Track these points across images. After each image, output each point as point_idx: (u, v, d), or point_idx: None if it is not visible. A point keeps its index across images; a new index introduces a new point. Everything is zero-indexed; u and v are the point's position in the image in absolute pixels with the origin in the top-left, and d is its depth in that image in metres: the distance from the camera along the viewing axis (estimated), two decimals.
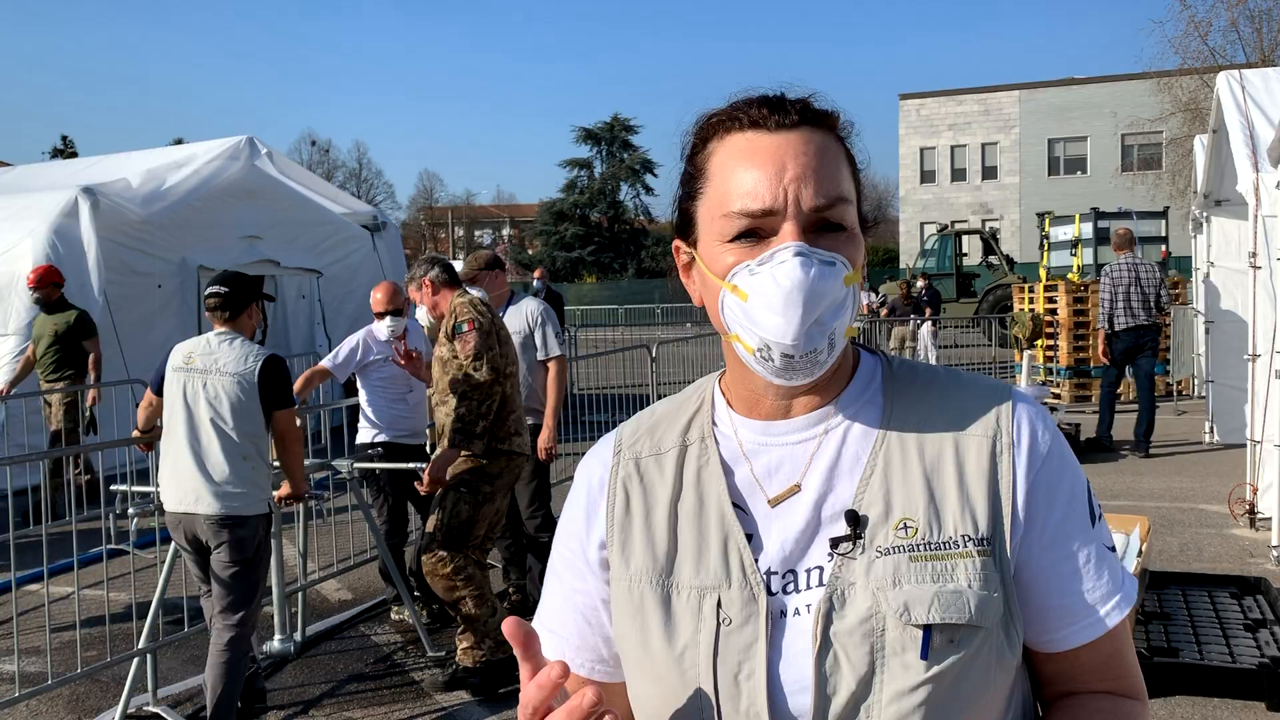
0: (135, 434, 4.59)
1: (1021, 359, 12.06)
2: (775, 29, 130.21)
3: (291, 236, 12.26)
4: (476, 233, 69.29)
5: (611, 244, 58.54)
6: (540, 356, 5.51)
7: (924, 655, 0.99)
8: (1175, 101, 29.40)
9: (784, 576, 1.06)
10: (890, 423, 1.10)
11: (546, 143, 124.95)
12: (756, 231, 1.04)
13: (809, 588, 1.05)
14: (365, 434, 5.76)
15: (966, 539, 1.04)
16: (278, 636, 5.21)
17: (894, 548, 1.03)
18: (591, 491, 1.20)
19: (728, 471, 1.13)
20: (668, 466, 1.16)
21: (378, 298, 5.68)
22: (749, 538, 1.08)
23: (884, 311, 18.21)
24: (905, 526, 1.04)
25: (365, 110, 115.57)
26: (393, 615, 5.73)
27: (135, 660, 4.60)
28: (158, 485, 4.32)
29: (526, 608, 5.67)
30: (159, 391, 4.30)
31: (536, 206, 62.50)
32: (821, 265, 1.01)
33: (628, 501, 1.16)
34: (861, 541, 1.04)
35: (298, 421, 4.47)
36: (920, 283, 20.12)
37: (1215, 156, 9.47)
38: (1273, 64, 24.38)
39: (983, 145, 43.83)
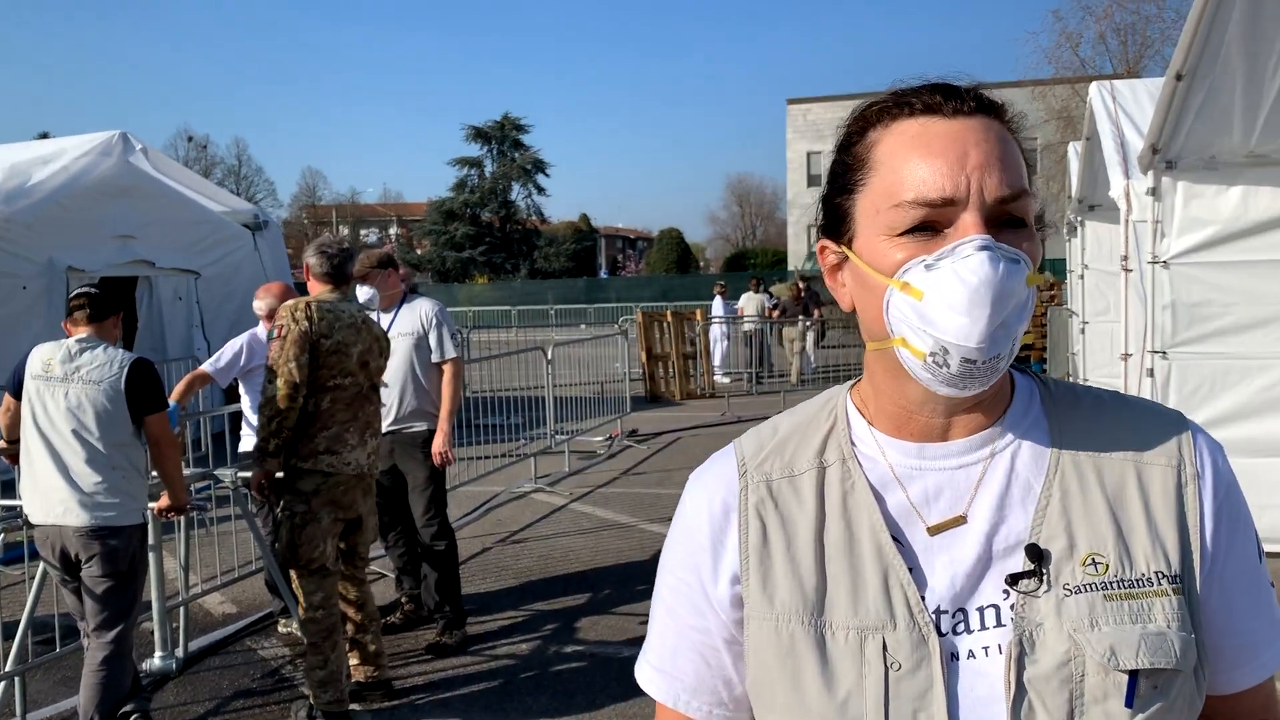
0: (1, 445, 4.32)
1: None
2: (664, 33, 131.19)
3: (168, 236, 11.78)
4: (362, 231, 67.89)
5: (503, 244, 58.13)
6: (435, 359, 5.39)
7: (1129, 703, 0.92)
8: (1049, 109, 30.64)
9: (954, 616, 0.97)
10: (1063, 448, 1.02)
11: (435, 140, 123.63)
12: (931, 225, 0.94)
13: (983, 628, 0.96)
14: (249, 441, 5.55)
15: (1160, 576, 0.97)
16: (158, 653, 4.98)
17: (1084, 586, 0.96)
18: (715, 518, 1.08)
19: (878, 498, 1.03)
20: (805, 491, 1.05)
21: (270, 298, 5.47)
22: (910, 571, 0.99)
23: (775, 313, 18.45)
24: (1094, 563, 0.96)
25: (245, 105, 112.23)
26: (280, 628, 5.52)
27: (2, 684, 4.33)
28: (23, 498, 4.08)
29: (420, 619, 5.55)
30: (19, 395, 4.06)
31: (425, 205, 61.68)
32: (1008, 262, 0.91)
33: (764, 530, 1.05)
34: (1046, 578, 0.96)
35: (175, 428, 4.28)
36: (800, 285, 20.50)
37: (1088, 163, 9.86)
38: (1137, 75, 25.62)
39: None
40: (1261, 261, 5.84)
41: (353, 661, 4.61)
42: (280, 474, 4.29)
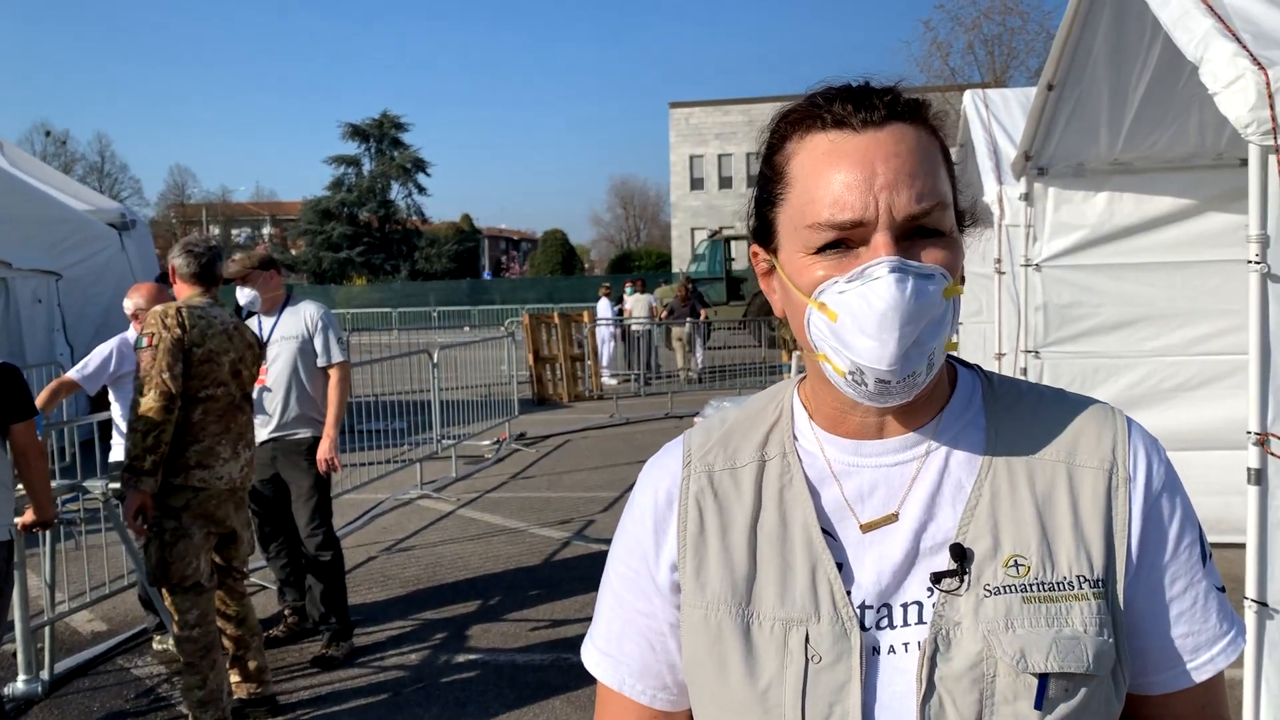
0: None
1: (790, 359, 12.58)
2: (546, 34, 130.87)
3: (25, 235, 11.15)
4: (234, 231, 65.79)
5: (383, 244, 57.04)
6: (321, 363, 5.23)
7: (1038, 705, 0.93)
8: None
9: (878, 611, 0.99)
10: (997, 448, 1.03)
11: (310, 138, 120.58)
12: (845, 242, 0.95)
13: (905, 624, 0.98)
14: (120, 450, 5.29)
15: (1081, 580, 0.97)
16: (22, 677, 4.71)
17: (1004, 587, 0.96)
18: (659, 507, 1.10)
19: (814, 492, 1.04)
20: (745, 483, 1.07)
21: (140, 298, 5.22)
22: (839, 567, 1.00)
23: (664, 314, 18.55)
24: (1016, 564, 0.97)
25: (108, 99, 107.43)
26: (155, 645, 5.28)
27: None
28: None
29: (304, 631, 5.38)
30: None
31: (300, 205, 60.10)
32: (919, 280, 0.92)
33: (701, 520, 1.07)
34: (968, 578, 0.97)
35: (39, 436, 4.04)
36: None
37: (961, 169, 10.19)
38: (1004, 84, 26.69)
39: (747, 154, 45.54)
40: (1126, 265, 6.13)
41: (234, 678, 4.43)
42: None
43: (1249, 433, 3.22)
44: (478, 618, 5.68)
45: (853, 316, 0.92)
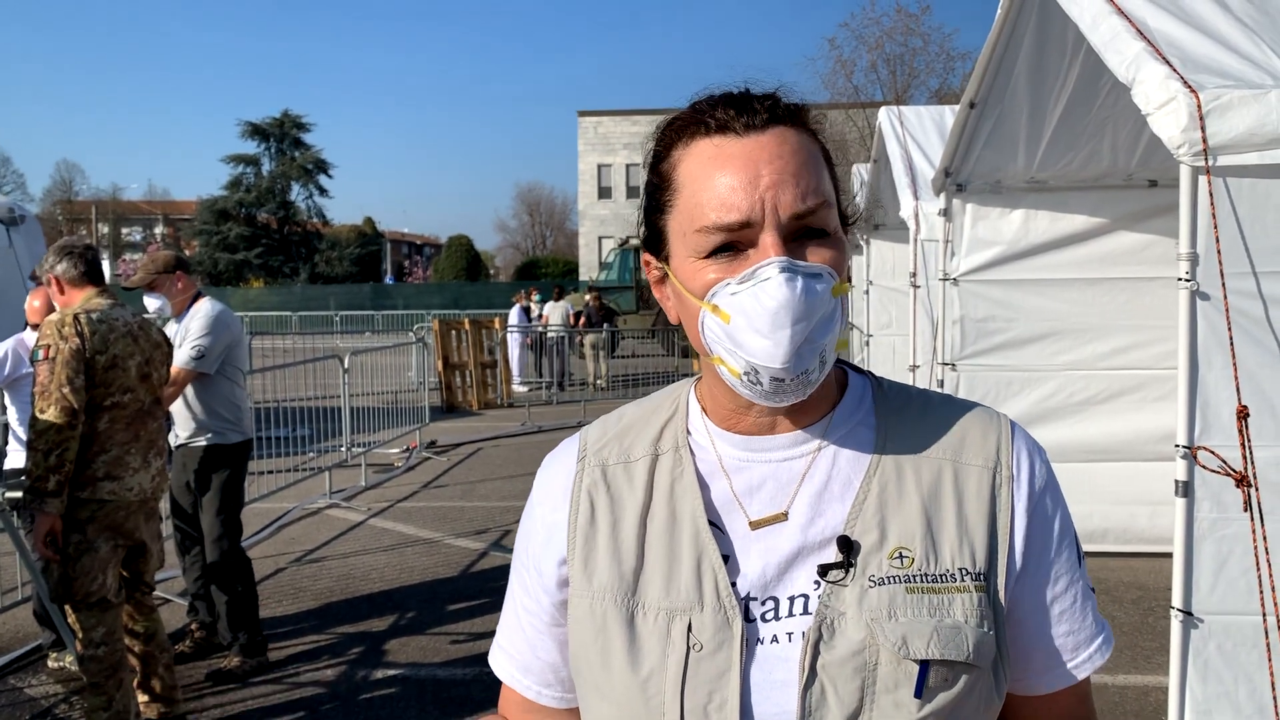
0: None
1: (700, 368, 12.62)
2: (453, 38, 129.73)
3: None
4: (124, 230, 63.54)
5: (281, 246, 55.69)
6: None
7: (918, 693, 0.93)
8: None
9: (764, 603, 0.99)
10: (886, 447, 1.04)
11: (207, 136, 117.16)
12: (734, 244, 0.95)
13: (792, 615, 0.98)
14: (16, 457, 5.00)
15: (964, 572, 0.99)
16: None
17: (889, 577, 0.97)
18: (553, 501, 1.11)
19: (704, 486, 1.05)
20: (637, 476, 1.08)
21: (34, 306, 4.93)
22: (725, 559, 1.01)
23: (580, 321, 18.47)
24: (901, 556, 0.98)
25: None
26: (50, 663, 5.01)
27: None
28: None
29: (212, 645, 5.16)
30: None
31: (195, 204, 58.34)
32: (807, 279, 0.93)
33: (592, 512, 1.07)
34: (854, 569, 0.98)
35: None
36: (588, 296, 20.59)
37: (875, 184, 10.37)
38: (905, 102, 27.34)
39: None
40: (1040, 280, 6.28)
41: (143, 698, 4.21)
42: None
43: (1177, 445, 3.30)
44: (395, 631, 5.53)
45: (746, 317, 0.94)
